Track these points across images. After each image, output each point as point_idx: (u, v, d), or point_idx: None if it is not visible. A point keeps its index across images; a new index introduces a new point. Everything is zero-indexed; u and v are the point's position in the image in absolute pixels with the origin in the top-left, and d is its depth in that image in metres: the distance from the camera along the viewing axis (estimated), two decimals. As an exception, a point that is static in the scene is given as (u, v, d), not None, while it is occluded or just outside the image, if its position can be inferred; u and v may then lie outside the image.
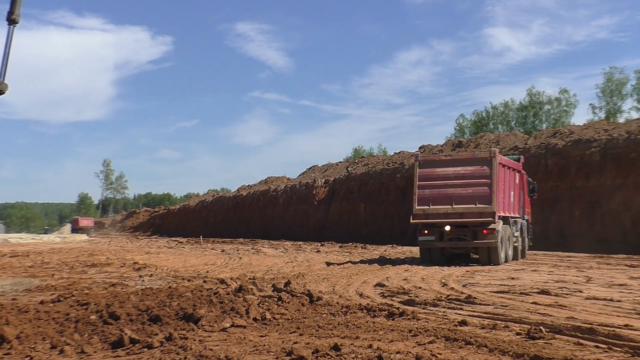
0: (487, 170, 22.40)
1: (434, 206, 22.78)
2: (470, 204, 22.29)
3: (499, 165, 22.56)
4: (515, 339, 8.73)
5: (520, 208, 26.29)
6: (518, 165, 26.23)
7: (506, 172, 23.80)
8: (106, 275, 20.87)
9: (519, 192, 25.98)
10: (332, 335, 9.10)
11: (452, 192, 22.66)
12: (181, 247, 46.51)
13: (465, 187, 22.55)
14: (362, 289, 15.75)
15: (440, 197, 22.77)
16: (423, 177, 23.34)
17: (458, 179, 22.75)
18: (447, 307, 12.22)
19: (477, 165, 22.79)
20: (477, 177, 22.53)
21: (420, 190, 23.23)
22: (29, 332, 9.17)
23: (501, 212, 22.70)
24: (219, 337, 9.13)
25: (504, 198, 23.17)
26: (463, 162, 23.41)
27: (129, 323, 9.97)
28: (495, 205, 21.97)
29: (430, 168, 23.52)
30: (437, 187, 22.97)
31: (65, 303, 12.33)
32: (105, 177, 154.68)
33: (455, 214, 22.47)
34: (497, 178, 22.26)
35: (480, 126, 78.48)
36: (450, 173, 22.95)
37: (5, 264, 27.07)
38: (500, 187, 22.54)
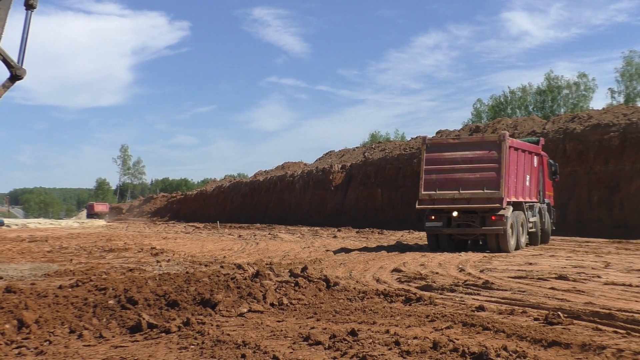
0: (496, 154, 21.57)
1: (440, 191, 22.14)
2: (477, 189, 21.57)
3: (509, 148, 21.77)
4: (533, 324, 8.70)
5: (539, 192, 25.50)
6: (536, 147, 25.24)
7: (520, 155, 23.03)
8: (124, 260, 20.98)
9: (537, 175, 25.05)
10: (349, 321, 9.11)
11: (459, 177, 21.97)
12: (198, 232, 46.67)
13: (473, 172, 21.83)
14: (379, 275, 15.75)
15: (448, 181, 22.12)
16: (430, 161, 22.72)
17: (466, 164, 22.03)
18: (464, 293, 12.20)
19: (485, 149, 22.01)
20: (485, 162, 21.75)
21: (427, 174, 22.62)
22: (48, 317, 9.24)
23: (511, 198, 21.94)
24: (236, 322, 9.16)
25: (516, 183, 22.48)
26: (471, 145, 22.66)
27: (146, 308, 10.02)
28: (504, 191, 21.18)
29: (437, 152, 22.82)
30: (445, 172, 22.31)
31: (83, 288, 12.41)
32: (122, 163, 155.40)
33: (462, 199, 21.80)
34: (507, 162, 21.45)
35: (497, 111, 77.98)
36: (458, 157, 22.25)
37: (24, 249, 27.28)
38: (510, 171, 21.81)
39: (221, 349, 7.54)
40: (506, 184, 21.31)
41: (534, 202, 24.96)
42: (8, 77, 9.32)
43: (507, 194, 21.53)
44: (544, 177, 26.17)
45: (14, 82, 9.36)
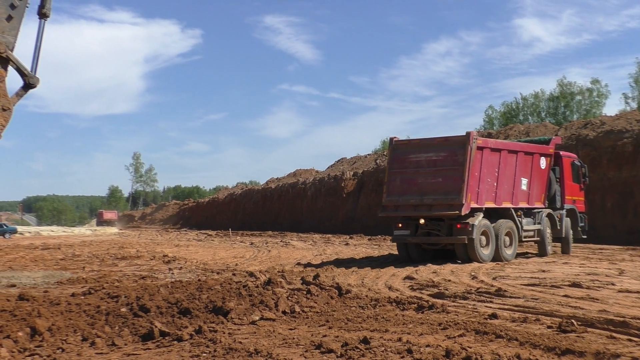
0: (461, 156, 19.60)
1: (404, 197, 20.55)
2: (439, 195, 19.87)
3: (477, 150, 19.69)
4: (546, 332, 8.65)
5: (549, 197, 23.14)
6: (542, 148, 23.04)
7: (504, 157, 20.88)
8: (136, 268, 21.04)
9: (543, 178, 22.72)
10: (362, 329, 9.10)
11: (422, 182, 20.35)
12: (210, 239, 46.74)
13: (436, 176, 20.15)
14: (391, 282, 15.72)
15: (411, 186, 20.52)
16: (395, 164, 21.20)
17: (430, 167, 20.34)
18: (477, 300, 12.16)
19: (450, 151, 20.06)
20: (449, 165, 19.94)
21: (391, 178, 21.15)
22: (61, 325, 9.27)
23: (482, 204, 20.07)
24: (248, 330, 9.16)
25: (496, 187, 20.55)
26: (436, 147, 20.62)
27: (159, 316, 10.04)
28: (465, 197, 19.25)
29: (404, 154, 21.11)
30: (409, 176, 20.72)
31: (96, 295, 12.46)
32: (135, 170, 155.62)
33: (424, 206, 20.12)
34: (471, 165, 19.43)
35: (509, 117, 77.68)
36: (423, 159, 20.55)
37: (37, 256, 27.40)
38: (479, 175, 19.80)
39: (233, 357, 7.54)
40: (469, 189, 19.45)
41: (538, 208, 22.72)
42: (21, 86, 9.36)
43: (476, 200, 19.82)
44: (562, 180, 23.92)
45: (28, 90, 9.40)
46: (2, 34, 8.99)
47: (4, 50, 8.98)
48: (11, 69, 9.32)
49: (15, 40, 9.18)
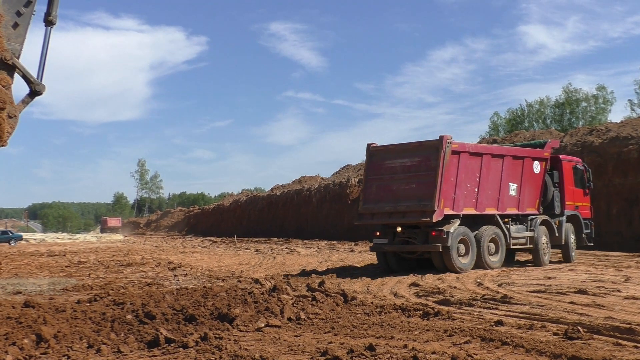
0: (434, 160, 18.86)
1: (379, 204, 19.87)
2: (412, 202, 19.09)
3: (451, 154, 18.92)
4: (552, 339, 8.63)
5: (547, 202, 22.35)
6: (536, 152, 22.23)
7: (490, 161, 20.18)
8: (142, 275, 21.06)
9: (537, 183, 21.88)
10: (367, 335, 9.08)
11: (397, 188, 19.65)
12: (215, 246, 46.78)
13: (409, 182, 19.43)
14: (396, 289, 15.70)
15: (386, 194, 19.84)
16: (372, 171, 20.55)
17: (404, 173, 19.64)
18: (482, 307, 12.13)
19: (424, 156, 19.28)
20: (422, 170, 19.16)
21: (368, 185, 20.59)
22: (66, 332, 9.29)
23: (460, 210, 19.33)
24: (254, 337, 9.15)
25: (476, 193, 19.78)
26: (411, 152, 19.84)
27: (164, 323, 10.04)
28: (438, 203, 18.48)
29: (380, 160, 20.43)
30: (385, 182, 20.04)
31: (101, 302, 12.47)
32: (140, 177, 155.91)
33: (398, 213, 19.42)
34: (445, 170, 18.65)
35: (515, 124, 77.62)
36: (398, 165, 19.87)
37: (42, 263, 27.46)
38: (455, 180, 19.05)
39: (239, 364, 7.53)
40: (442, 195, 18.68)
41: (531, 215, 21.91)
42: (27, 93, 9.40)
43: (451, 207, 19.06)
44: (562, 184, 23.06)
45: (34, 97, 9.44)
46: (9, 42, 9.03)
47: (10, 57, 9.02)
48: (17, 76, 9.36)
49: (21, 48, 9.21)
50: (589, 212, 24.76)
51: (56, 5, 9.73)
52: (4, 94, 8.91)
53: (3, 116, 8.80)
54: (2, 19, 8.95)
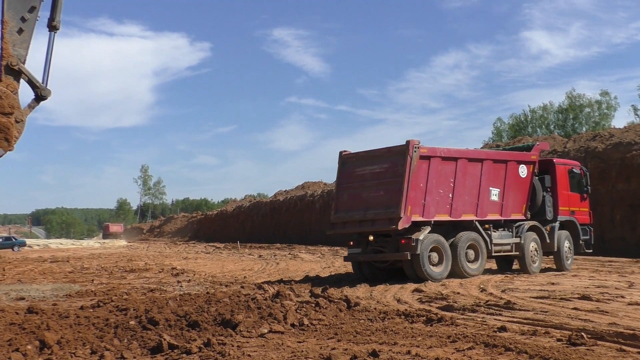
0: (401, 166, 18.28)
1: (350, 213, 19.42)
2: (380, 209, 18.56)
3: (419, 159, 18.30)
4: (556, 345, 8.61)
5: (537, 207, 21.67)
6: (522, 155, 21.56)
7: (466, 165, 19.51)
8: (145, 281, 21.07)
9: (524, 188, 21.14)
10: (370, 341, 9.08)
11: (366, 196, 19.17)
12: (219, 252, 46.81)
13: (378, 189, 18.94)
14: (399, 295, 15.69)
15: (357, 202, 19.37)
16: (343, 179, 20.04)
17: (374, 179, 19.14)
18: (486, 313, 12.12)
19: (392, 162, 18.74)
20: (390, 176, 18.63)
21: (339, 194, 20.12)
22: (70, 338, 9.29)
23: (431, 217, 18.68)
24: (257, 343, 9.15)
25: (450, 199, 19.12)
26: (380, 158, 19.33)
27: (167, 329, 10.05)
28: (404, 210, 17.90)
29: (351, 167, 19.92)
30: (355, 190, 19.56)
31: (104, 308, 12.49)
32: (143, 183, 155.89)
33: (367, 221, 18.91)
34: (413, 175, 18.09)
35: (518, 130, 77.57)
36: (367, 172, 19.37)
37: (45, 269, 27.49)
38: (425, 185, 18.45)
39: (242, 370, 7.53)
40: (409, 202, 18.06)
41: (518, 220, 21.20)
42: (33, 98, 9.51)
43: (421, 213, 18.46)
44: (555, 189, 22.23)
45: (40, 102, 9.56)
46: (14, 47, 9.15)
47: (16, 63, 9.14)
48: (22, 81, 9.45)
49: (26, 53, 9.32)
50: (588, 218, 23.91)
51: (59, 10, 9.85)
52: (12, 99, 9.04)
53: (11, 121, 8.92)
54: (7, 25, 9.07)
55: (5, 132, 8.87)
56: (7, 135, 8.89)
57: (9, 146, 8.95)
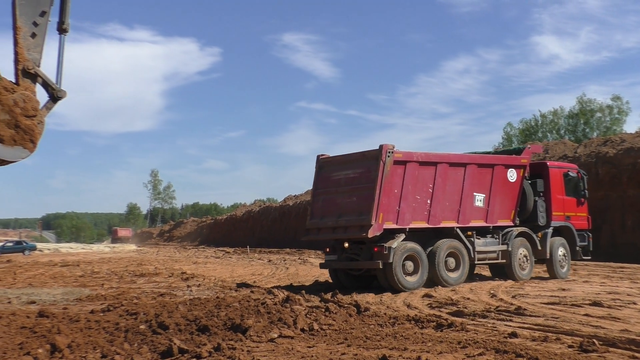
0: (374, 172, 17.64)
1: (324, 219, 18.94)
2: (353, 216, 17.99)
3: (398, 164, 17.75)
4: (567, 351, 8.57)
5: (527, 213, 20.95)
6: (511, 159, 20.75)
7: (447, 170, 18.81)
8: (155, 285, 21.10)
9: (512, 192, 20.35)
10: (380, 347, 9.06)
11: (340, 202, 18.63)
12: (228, 257, 46.83)
13: (351, 195, 18.35)
14: (409, 300, 15.66)
15: (331, 207, 18.85)
16: (319, 184, 19.60)
17: (348, 185, 18.56)
18: (496, 319, 12.08)
19: (365, 167, 18.12)
20: (363, 182, 17.99)
21: (315, 199, 19.71)
22: (80, 341, 9.32)
23: (406, 224, 17.97)
24: (267, 348, 9.15)
25: (429, 205, 18.40)
26: (354, 163, 18.77)
27: (177, 333, 10.06)
28: (376, 217, 17.27)
29: (327, 172, 19.45)
30: (330, 196, 19.05)
31: (115, 312, 12.52)
32: (153, 187, 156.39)
33: (340, 228, 18.36)
34: (386, 181, 17.46)
35: (528, 135, 77.45)
36: (342, 177, 18.84)
37: (56, 273, 27.57)
38: (399, 191, 17.79)
39: (252, 375, 7.53)
40: (381, 209, 17.43)
41: (506, 227, 20.43)
42: (49, 99, 9.68)
43: (395, 221, 17.80)
44: (548, 193, 21.50)
45: (56, 102, 9.75)
46: (28, 51, 9.36)
47: (32, 66, 9.35)
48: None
49: (40, 57, 9.53)
50: (586, 223, 23.02)
51: (68, 13, 10.09)
52: (35, 101, 9.27)
53: (35, 123, 9.14)
54: (21, 31, 9.28)
55: (30, 134, 9.12)
56: (32, 137, 9.15)
57: (34, 147, 9.18)
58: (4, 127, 8.91)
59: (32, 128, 9.17)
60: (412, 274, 17.99)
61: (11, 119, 8.99)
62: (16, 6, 9.32)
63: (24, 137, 9.09)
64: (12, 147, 9.02)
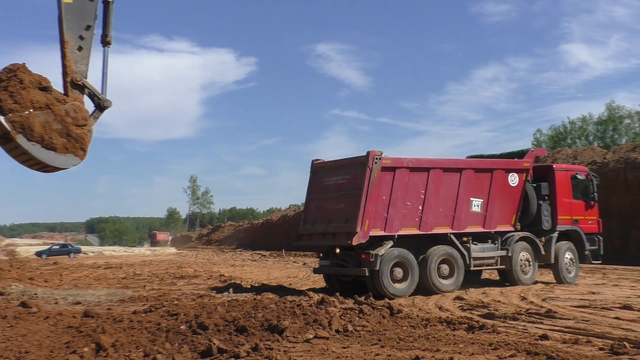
0: (360, 178, 17.09)
1: (315, 225, 18.53)
2: (340, 222, 17.49)
3: (386, 170, 17.20)
4: (598, 354, 8.46)
5: (531, 217, 20.07)
6: (513, 162, 19.87)
7: (440, 176, 18.06)
8: (194, 287, 21.21)
9: (513, 197, 19.45)
10: (413, 348, 9.02)
11: (330, 208, 18.21)
12: (264, 260, 46.95)
13: (339, 201, 17.86)
14: (441, 302, 15.57)
15: (322, 213, 18.42)
16: (313, 189, 19.16)
17: (337, 191, 18.10)
18: (527, 321, 11.97)
19: (353, 173, 17.59)
20: (350, 188, 17.44)
21: (308, 205, 19.30)
22: (124, 341, 9.41)
23: (395, 231, 17.32)
24: (303, 348, 9.15)
25: (420, 211, 17.70)
26: (343, 169, 18.28)
27: (216, 333, 10.11)
28: (361, 224, 16.72)
29: (320, 177, 19.00)
30: (321, 201, 18.65)
31: (156, 313, 12.61)
32: (192, 193, 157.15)
33: (329, 234, 17.89)
34: (373, 188, 16.89)
35: (557, 141, 76.64)
36: (332, 183, 18.38)
37: (100, 275, 27.86)
38: (388, 198, 17.20)
39: (289, 374, 7.53)
40: (367, 216, 16.88)
41: (506, 232, 19.54)
42: (96, 109, 9.92)
43: (383, 227, 17.22)
44: (553, 197, 20.47)
45: (103, 112, 10.02)
46: (76, 64, 9.66)
47: (80, 78, 9.66)
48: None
49: (87, 68, 9.84)
50: (596, 227, 21.72)
51: (111, 26, 10.37)
52: (85, 111, 9.57)
53: (85, 131, 9.41)
54: (68, 44, 9.56)
55: (81, 142, 9.43)
56: (82, 145, 9.47)
57: (84, 155, 9.43)
58: (57, 136, 9.14)
59: (82, 136, 9.42)
60: (401, 281, 17.36)
61: (63, 128, 9.22)
62: (63, 21, 9.58)
63: (75, 145, 9.33)
64: (65, 155, 9.26)
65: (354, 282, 18.27)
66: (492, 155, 21.63)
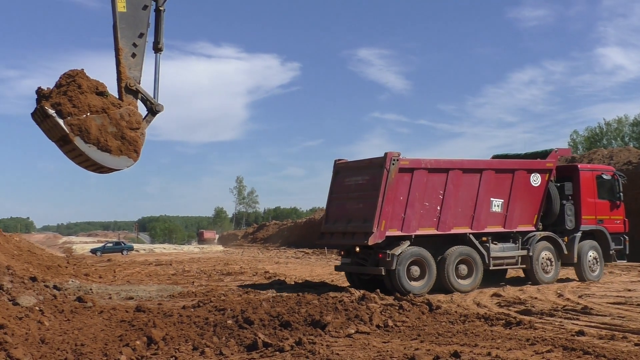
0: (378, 179, 16.84)
1: (336, 224, 18.36)
2: (359, 222, 17.29)
3: (404, 171, 16.92)
4: (634, 349, 8.31)
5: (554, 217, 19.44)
6: (535, 163, 19.26)
7: (460, 177, 17.71)
8: (240, 283, 21.33)
9: (535, 197, 18.90)
10: (452, 343, 8.96)
11: (349, 207, 18.04)
12: (307, 257, 46.97)
13: (358, 201, 17.67)
14: (479, 299, 15.44)
15: (342, 212, 18.27)
16: (334, 189, 18.93)
17: (357, 191, 17.90)
18: (563, 317, 11.81)
19: (372, 174, 17.37)
20: (369, 189, 17.24)
21: (329, 204, 19.17)
22: (174, 334, 9.52)
23: (412, 231, 17.01)
24: (345, 343, 9.15)
25: (439, 212, 17.36)
26: (363, 169, 18.09)
27: (261, 328, 10.16)
28: (378, 224, 16.52)
29: (342, 177, 18.79)
30: (342, 201, 18.47)
31: (204, 308, 12.72)
32: (238, 193, 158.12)
33: (349, 234, 17.73)
34: (390, 188, 16.65)
35: (593, 142, 75.52)
36: (352, 183, 18.18)
37: (151, 272, 28.19)
38: (405, 198, 16.91)
39: (331, 368, 7.54)
40: (384, 216, 16.64)
41: (527, 232, 18.98)
42: (148, 113, 10.07)
43: (400, 228, 16.94)
44: (578, 196, 19.82)
45: (155, 116, 10.16)
46: (130, 70, 9.81)
47: (133, 84, 9.82)
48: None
49: (140, 74, 9.99)
50: (622, 226, 20.95)
51: (162, 34, 10.48)
52: (138, 115, 9.73)
53: (138, 134, 9.54)
54: (122, 52, 9.72)
55: (134, 144, 9.55)
56: (135, 147, 9.60)
57: (137, 157, 9.58)
58: (112, 138, 9.30)
59: (135, 139, 9.55)
60: (417, 279, 17.11)
61: (118, 131, 9.38)
62: (117, 30, 9.74)
63: (129, 148, 9.48)
64: (119, 157, 9.41)
65: (374, 280, 17.94)
66: (516, 155, 21.08)
